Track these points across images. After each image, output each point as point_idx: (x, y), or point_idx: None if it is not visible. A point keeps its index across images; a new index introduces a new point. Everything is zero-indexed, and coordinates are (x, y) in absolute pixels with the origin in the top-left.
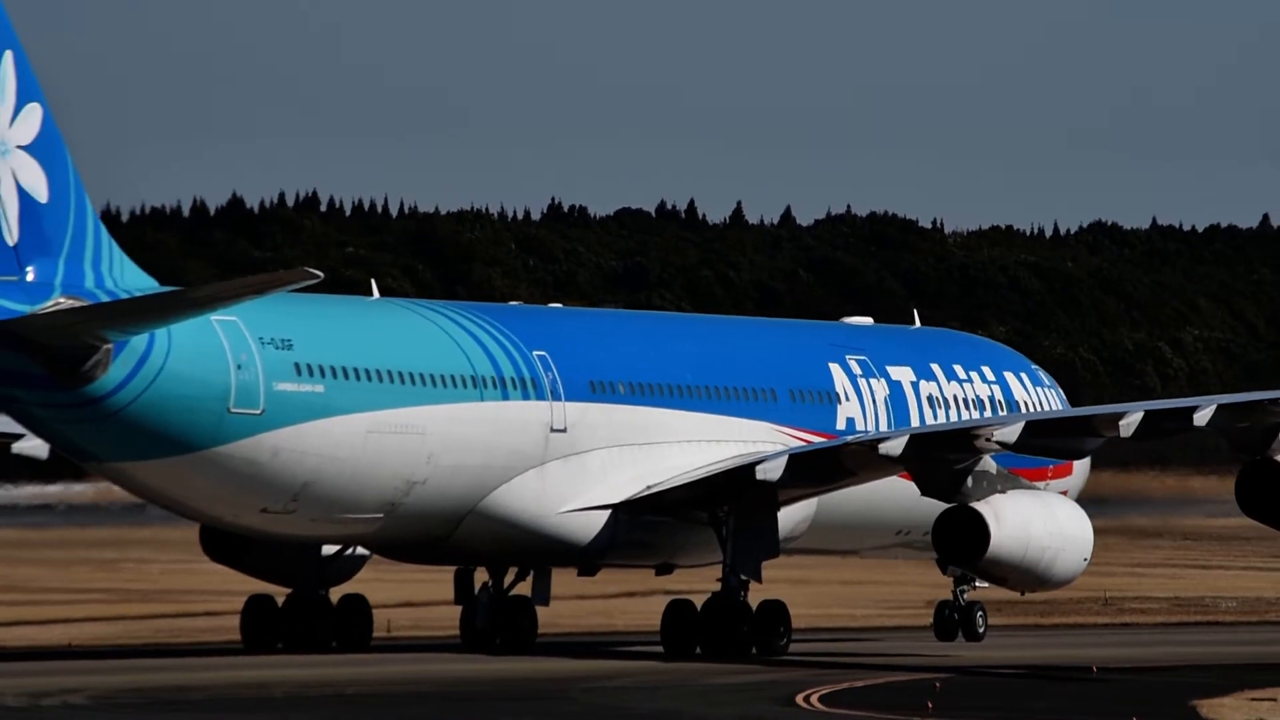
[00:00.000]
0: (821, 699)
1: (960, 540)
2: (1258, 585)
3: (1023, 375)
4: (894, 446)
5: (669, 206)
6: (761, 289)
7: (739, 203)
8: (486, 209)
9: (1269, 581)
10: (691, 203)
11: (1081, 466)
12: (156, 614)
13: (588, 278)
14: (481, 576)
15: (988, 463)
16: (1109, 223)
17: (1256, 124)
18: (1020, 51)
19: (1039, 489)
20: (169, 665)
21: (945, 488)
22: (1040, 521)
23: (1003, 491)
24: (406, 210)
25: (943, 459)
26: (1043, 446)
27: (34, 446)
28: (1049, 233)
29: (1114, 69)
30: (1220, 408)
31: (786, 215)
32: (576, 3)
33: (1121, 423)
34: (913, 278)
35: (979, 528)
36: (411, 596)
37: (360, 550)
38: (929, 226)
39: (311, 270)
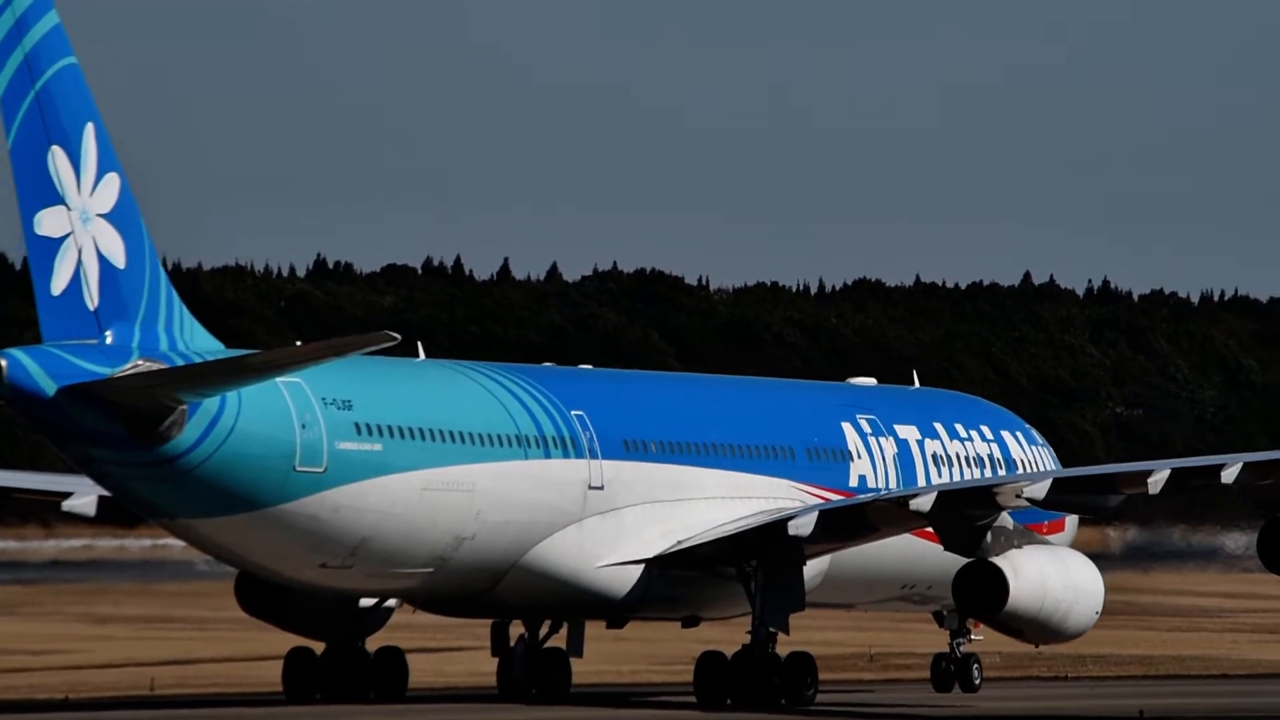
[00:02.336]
0: None
1: (980, 594)
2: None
3: (1018, 434)
4: (924, 503)
5: (435, 262)
6: (527, 345)
7: (505, 259)
8: (251, 265)
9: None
10: (458, 259)
11: (1071, 523)
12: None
13: (354, 334)
14: (517, 629)
15: (1005, 519)
16: (873, 280)
17: (1019, 183)
18: (785, 111)
19: (1052, 544)
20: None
21: (966, 543)
22: (1055, 576)
23: (1019, 547)
24: (170, 267)
25: (966, 515)
26: (1068, 503)
27: (83, 504)
28: (814, 289)
29: (879, 130)
30: (1246, 465)
31: (553, 271)
32: (339, 55)
33: (1150, 480)
34: (679, 334)
35: (998, 582)
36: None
37: (390, 602)
38: (695, 283)
39: (390, 333)
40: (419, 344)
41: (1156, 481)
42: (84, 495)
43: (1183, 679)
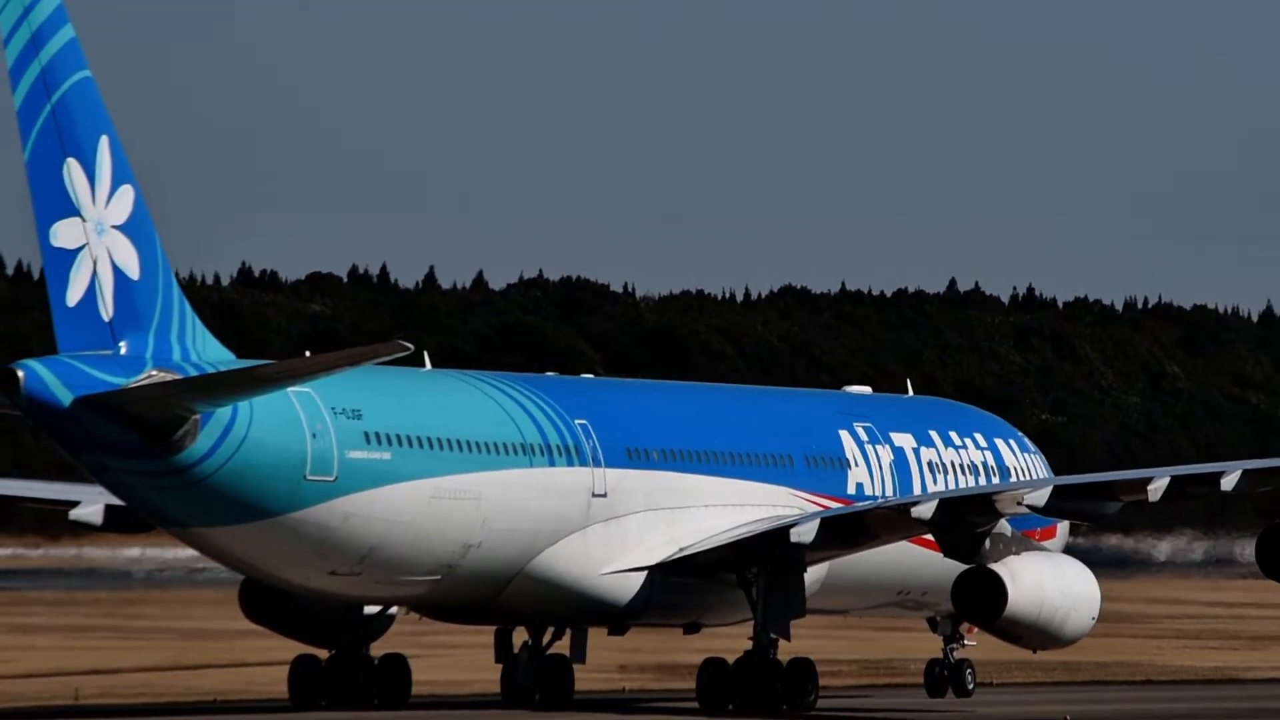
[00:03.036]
0: None
1: (979, 600)
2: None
3: (1011, 442)
4: (925, 510)
5: (361, 270)
6: (453, 353)
7: (431, 267)
8: (177, 273)
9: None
10: (384, 267)
11: (1062, 529)
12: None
13: (279, 342)
14: (520, 636)
15: (1003, 526)
16: (799, 287)
17: (944, 191)
18: (711, 119)
19: (1049, 550)
20: None
21: (966, 550)
22: (1053, 582)
23: (1017, 553)
24: None
25: (966, 522)
26: (1068, 509)
27: (90, 513)
28: (740, 297)
29: (803, 137)
30: (1245, 472)
31: (479, 279)
32: (261, 60)
33: (1150, 487)
34: (605, 341)
35: (997, 588)
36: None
37: (392, 609)
38: (620, 291)
39: (404, 343)
40: (425, 354)
41: (1157, 489)
42: (91, 504)
43: (1106, 685)
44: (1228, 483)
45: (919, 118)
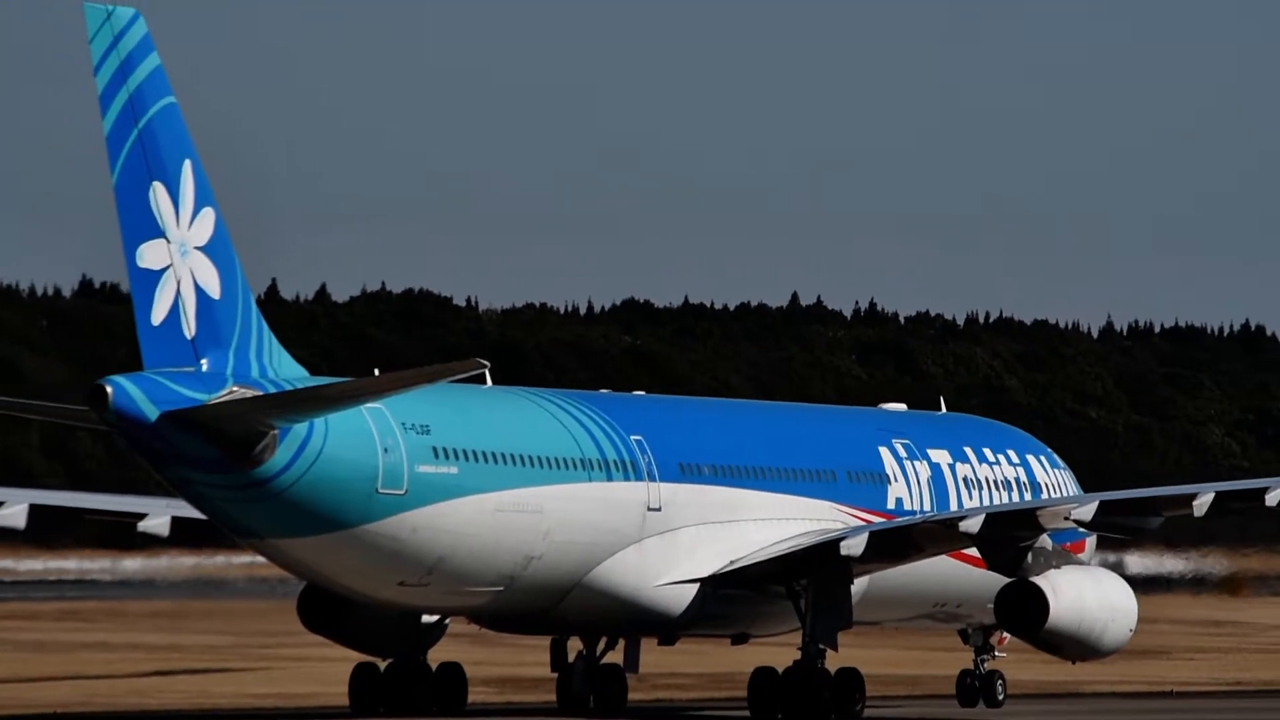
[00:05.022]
0: None
1: (1021, 612)
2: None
3: (1042, 458)
4: (973, 524)
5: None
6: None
7: (274, 279)
8: (16, 285)
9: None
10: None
11: (1090, 544)
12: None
13: (125, 354)
14: (574, 646)
15: (1044, 540)
16: (642, 300)
17: (786, 203)
18: (553, 134)
19: (1087, 564)
20: None
21: (1009, 563)
22: (1092, 595)
23: (1058, 567)
24: None
25: (1010, 536)
26: (1112, 524)
27: (157, 525)
28: (583, 310)
29: (648, 149)
30: None
31: (322, 292)
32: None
33: (1195, 503)
34: (449, 355)
35: (1039, 601)
36: None
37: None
38: (463, 304)
39: (480, 360)
40: (486, 372)
41: (1202, 504)
42: (158, 516)
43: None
44: (1272, 498)
45: (762, 130)
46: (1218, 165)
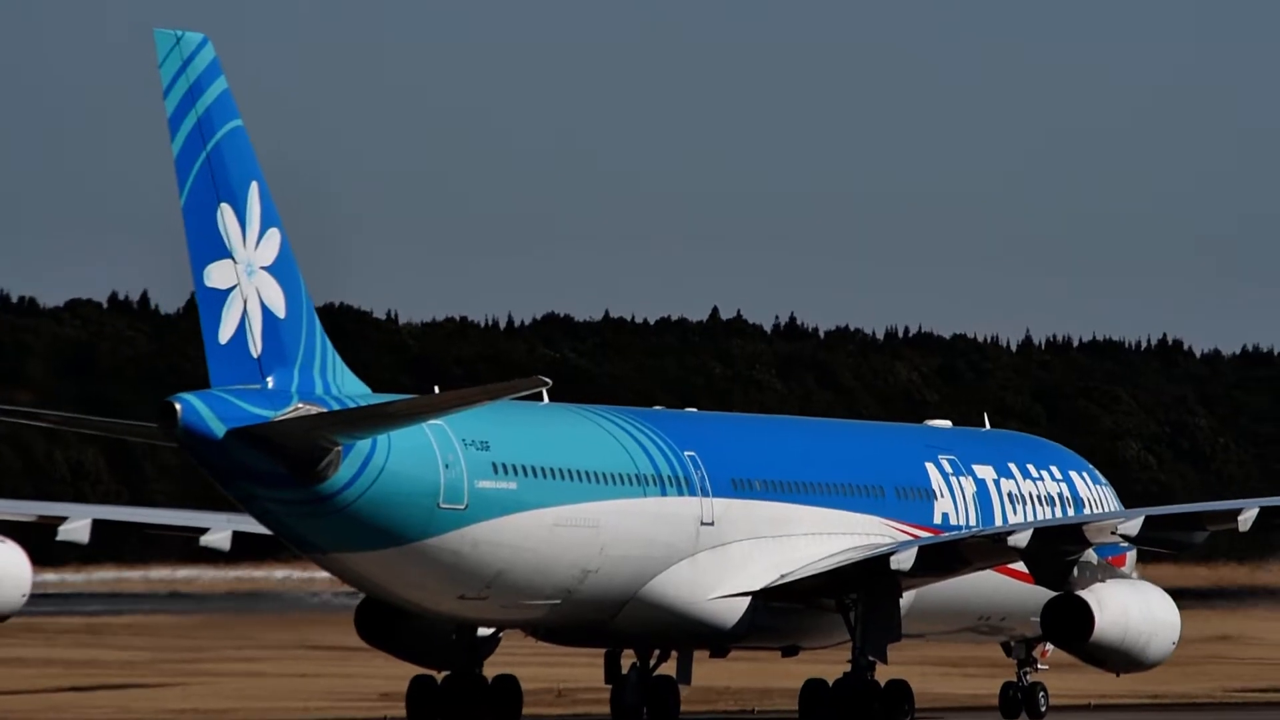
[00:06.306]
0: None
1: (1067, 626)
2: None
3: (1084, 474)
4: (1021, 539)
5: (121, 296)
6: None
7: (193, 293)
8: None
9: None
10: (144, 293)
11: (1131, 557)
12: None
13: (39, 368)
14: (628, 658)
15: (1090, 554)
16: (562, 314)
17: (707, 217)
18: (470, 147)
19: (1131, 578)
20: None
21: (1055, 577)
22: (1137, 609)
23: (1103, 581)
24: None
25: (1057, 551)
26: (1156, 540)
27: (219, 539)
28: (503, 324)
29: (568, 163)
30: None
31: None
32: (26, 79)
33: (1240, 518)
34: (368, 369)
35: (1084, 615)
36: None
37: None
38: (383, 318)
39: (543, 378)
40: (544, 390)
41: (1246, 519)
42: (219, 530)
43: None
44: None
45: (682, 143)
46: (1136, 180)
